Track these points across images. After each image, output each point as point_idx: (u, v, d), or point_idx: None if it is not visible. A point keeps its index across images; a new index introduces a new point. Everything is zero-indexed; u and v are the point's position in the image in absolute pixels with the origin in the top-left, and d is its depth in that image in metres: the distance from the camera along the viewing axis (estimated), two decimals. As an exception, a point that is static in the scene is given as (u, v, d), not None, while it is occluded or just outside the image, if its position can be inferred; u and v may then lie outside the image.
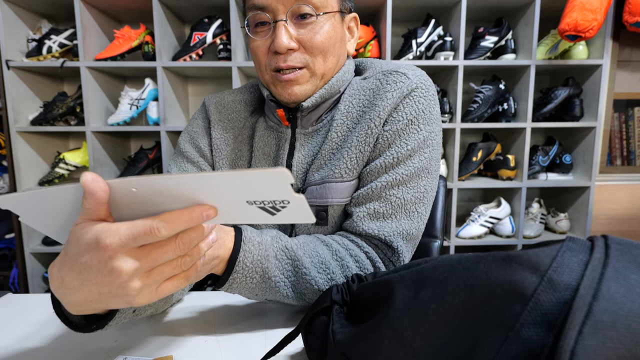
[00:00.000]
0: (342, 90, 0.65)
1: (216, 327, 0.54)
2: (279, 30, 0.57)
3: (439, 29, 1.72)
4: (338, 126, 0.61)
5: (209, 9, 1.73)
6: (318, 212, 0.61)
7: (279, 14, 0.57)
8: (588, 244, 0.26)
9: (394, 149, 0.58)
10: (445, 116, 1.71)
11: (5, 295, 0.64)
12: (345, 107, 0.62)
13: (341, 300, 0.40)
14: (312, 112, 0.64)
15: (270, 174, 0.28)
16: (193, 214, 0.31)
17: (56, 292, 0.34)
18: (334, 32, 0.60)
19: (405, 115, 0.58)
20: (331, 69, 0.62)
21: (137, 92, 1.73)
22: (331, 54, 0.60)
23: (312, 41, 0.58)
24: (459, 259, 0.30)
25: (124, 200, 0.32)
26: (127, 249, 0.30)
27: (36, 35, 1.71)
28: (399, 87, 0.58)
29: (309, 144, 0.64)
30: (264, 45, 0.60)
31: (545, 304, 0.23)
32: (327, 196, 0.60)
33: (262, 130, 0.68)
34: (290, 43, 0.57)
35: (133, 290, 0.31)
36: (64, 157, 1.75)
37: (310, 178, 0.62)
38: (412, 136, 0.58)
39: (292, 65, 0.58)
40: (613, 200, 2.07)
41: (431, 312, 0.28)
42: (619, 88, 1.98)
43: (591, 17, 1.49)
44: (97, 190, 0.30)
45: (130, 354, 0.47)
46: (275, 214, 0.32)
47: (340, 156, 0.59)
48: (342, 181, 0.59)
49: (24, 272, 1.73)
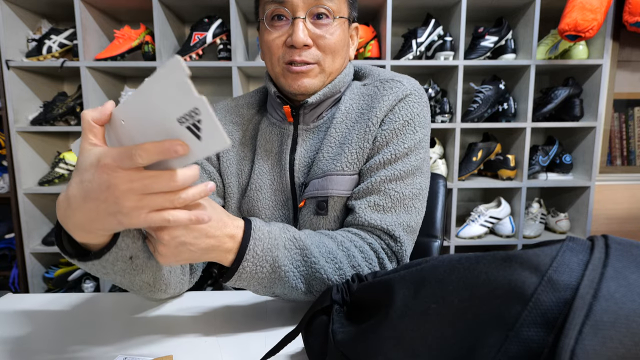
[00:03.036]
0: (343, 90, 0.70)
1: (216, 327, 0.54)
2: (297, 27, 0.60)
3: (439, 29, 1.72)
4: (337, 124, 0.65)
5: (209, 9, 1.73)
6: (319, 203, 0.64)
7: (299, 11, 0.61)
8: (588, 243, 0.26)
9: (392, 146, 0.62)
10: (445, 116, 1.71)
11: (5, 295, 0.64)
12: (345, 107, 0.67)
13: (341, 300, 0.40)
14: (314, 109, 0.68)
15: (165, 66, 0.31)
16: (163, 145, 0.35)
17: (62, 219, 0.40)
18: (343, 36, 0.65)
19: (401, 117, 0.63)
20: (338, 68, 0.67)
21: (137, 92, 1.73)
22: (340, 55, 0.65)
23: (326, 41, 0.63)
24: (459, 258, 0.30)
25: (116, 132, 0.39)
26: (123, 169, 0.35)
27: (36, 35, 1.71)
28: (394, 92, 0.64)
29: (310, 140, 0.68)
30: (279, 39, 0.63)
31: (545, 303, 0.23)
32: (328, 187, 0.63)
33: (265, 128, 0.71)
34: (307, 39, 0.61)
35: (125, 208, 0.36)
36: (64, 157, 1.74)
37: (313, 172, 0.65)
38: (409, 136, 0.63)
39: (306, 60, 0.62)
40: (613, 200, 2.07)
41: (431, 311, 0.28)
42: (619, 88, 1.98)
43: (591, 17, 1.49)
44: (101, 116, 0.38)
45: (130, 354, 0.47)
46: (200, 136, 0.34)
47: (341, 151, 0.63)
48: (343, 174, 0.63)
49: (24, 272, 1.73)
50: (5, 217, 1.84)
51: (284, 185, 0.68)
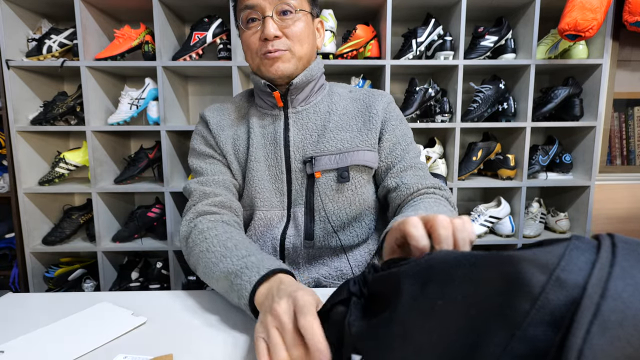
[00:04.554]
0: (318, 77, 0.84)
1: (216, 327, 0.54)
2: (267, 23, 0.73)
3: (439, 29, 1.72)
4: (338, 116, 0.82)
5: (209, 9, 1.73)
6: (341, 173, 0.78)
7: (267, 10, 0.74)
8: (594, 242, 0.26)
9: (402, 135, 0.84)
10: (445, 116, 1.71)
11: (5, 295, 0.64)
12: (343, 105, 0.84)
13: (359, 292, 0.40)
14: (299, 94, 0.82)
15: None
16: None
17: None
18: (307, 26, 0.78)
19: (396, 113, 0.85)
20: (307, 53, 0.79)
21: (137, 91, 1.73)
22: (306, 41, 0.78)
23: (292, 30, 0.76)
24: (464, 254, 0.30)
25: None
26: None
27: (36, 34, 1.71)
28: (384, 97, 0.85)
29: (300, 121, 0.82)
30: (254, 36, 0.76)
31: (553, 302, 0.23)
32: (348, 160, 0.78)
33: (257, 118, 0.84)
34: (276, 31, 0.74)
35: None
36: (64, 157, 1.74)
37: (320, 150, 0.79)
38: (405, 126, 0.86)
39: (278, 48, 0.75)
40: (613, 199, 2.07)
41: (437, 308, 0.28)
42: (619, 87, 1.98)
43: (591, 17, 1.49)
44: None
45: (130, 353, 0.47)
46: None
47: (351, 135, 0.80)
48: (358, 150, 0.79)
49: (24, 272, 1.73)
50: (6, 216, 1.84)
51: (278, 160, 0.80)
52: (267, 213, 0.82)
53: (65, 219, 1.79)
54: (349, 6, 1.72)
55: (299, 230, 0.80)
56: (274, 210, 0.82)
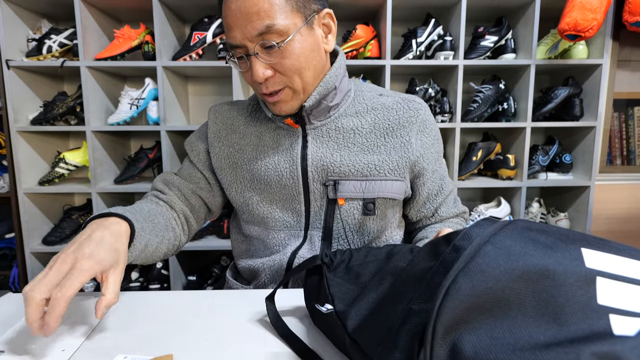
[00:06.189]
0: (339, 82, 0.71)
1: (216, 327, 0.54)
2: (253, 64, 0.63)
3: (439, 29, 1.72)
4: (364, 132, 0.72)
5: (209, 9, 1.73)
6: (367, 204, 0.72)
7: (250, 49, 0.63)
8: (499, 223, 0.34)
9: (436, 165, 0.80)
10: (445, 116, 1.71)
11: (5, 295, 0.64)
12: (371, 118, 0.73)
13: (330, 262, 0.52)
14: (316, 109, 0.71)
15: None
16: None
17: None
18: (302, 49, 0.64)
19: (431, 141, 0.77)
20: (310, 81, 0.67)
21: (137, 91, 1.73)
22: (305, 69, 0.65)
23: (284, 64, 0.64)
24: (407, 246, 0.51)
25: None
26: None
27: (36, 34, 1.71)
28: (420, 114, 0.74)
29: (320, 138, 0.72)
30: (247, 74, 0.67)
31: (447, 260, 0.33)
32: (375, 191, 0.71)
33: (270, 130, 0.75)
34: (265, 73, 0.63)
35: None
36: (64, 157, 1.74)
37: (342, 172, 0.71)
38: (441, 158, 0.83)
39: (273, 89, 0.66)
40: (613, 199, 2.07)
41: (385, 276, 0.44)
42: (619, 87, 1.98)
43: (591, 17, 1.49)
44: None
45: (130, 353, 0.47)
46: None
47: (379, 158, 0.71)
48: (386, 179, 0.71)
49: (24, 272, 1.73)
50: (5, 216, 1.84)
51: (295, 180, 0.72)
52: (280, 233, 0.76)
53: (65, 219, 1.79)
54: (349, 6, 1.72)
55: (313, 252, 0.74)
56: (290, 230, 0.75)
